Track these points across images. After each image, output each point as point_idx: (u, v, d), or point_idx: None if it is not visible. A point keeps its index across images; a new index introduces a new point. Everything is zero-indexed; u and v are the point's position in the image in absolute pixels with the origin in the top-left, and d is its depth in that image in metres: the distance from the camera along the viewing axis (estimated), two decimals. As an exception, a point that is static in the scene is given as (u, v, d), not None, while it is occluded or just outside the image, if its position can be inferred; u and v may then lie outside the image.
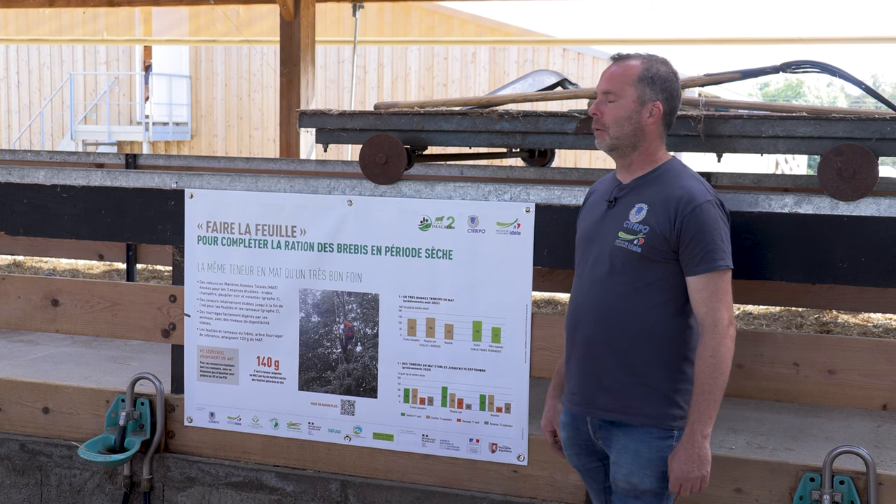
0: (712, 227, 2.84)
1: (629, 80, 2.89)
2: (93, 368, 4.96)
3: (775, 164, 21.30)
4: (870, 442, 3.97)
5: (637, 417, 2.92)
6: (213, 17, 17.11)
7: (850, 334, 7.03)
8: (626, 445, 2.95)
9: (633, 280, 2.90)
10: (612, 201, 2.99)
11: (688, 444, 2.85)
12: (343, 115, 4.07)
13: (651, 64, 2.91)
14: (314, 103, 10.04)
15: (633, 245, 2.89)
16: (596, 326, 2.96)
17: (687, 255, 2.85)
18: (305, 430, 4.11)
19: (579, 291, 3.05)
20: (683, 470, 2.84)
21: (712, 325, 2.83)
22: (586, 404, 3.02)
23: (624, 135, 2.92)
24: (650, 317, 2.90)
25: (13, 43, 20.98)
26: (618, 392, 2.94)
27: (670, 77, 2.93)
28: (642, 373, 2.91)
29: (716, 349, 2.82)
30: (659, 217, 2.87)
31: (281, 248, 4.05)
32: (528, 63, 19.18)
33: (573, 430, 3.10)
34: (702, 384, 2.83)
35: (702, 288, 2.84)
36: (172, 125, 21.35)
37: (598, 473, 3.13)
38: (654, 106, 2.90)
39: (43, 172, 4.42)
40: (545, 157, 5.91)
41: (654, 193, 2.91)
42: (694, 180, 2.92)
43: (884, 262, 3.40)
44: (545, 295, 7.90)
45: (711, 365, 2.82)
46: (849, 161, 3.40)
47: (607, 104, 2.92)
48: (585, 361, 3.01)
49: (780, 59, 3.78)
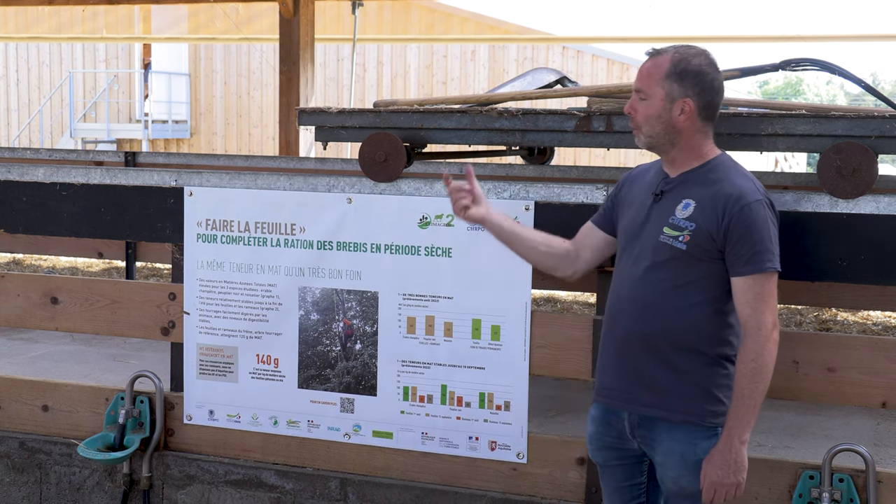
0: (761, 227, 2.76)
1: (657, 77, 2.81)
2: (92, 366, 4.96)
3: (775, 161, 21.31)
4: (869, 440, 3.97)
5: (678, 414, 2.85)
6: (212, 15, 17.12)
7: (850, 332, 7.03)
8: (672, 448, 2.87)
9: (676, 277, 2.83)
10: (658, 194, 2.90)
11: (724, 449, 2.77)
12: (342, 112, 4.07)
13: (682, 58, 2.81)
14: (313, 101, 10.04)
15: (678, 242, 2.82)
16: (636, 322, 2.89)
17: (734, 255, 2.77)
18: (305, 427, 4.11)
19: (621, 284, 2.96)
20: (718, 475, 2.77)
21: (756, 329, 2.75)
22: (625, 399, 2.94)
23: (656, 133, 2.84)
24: (691, 315, 2.82)
25: (12, 41, 20.98)
26: (658, 388, 2.87)
27: (704, 70, 2.81)
28: (682, 370, 2.85)
29: (758, 353, 2.74)
30: (706, 214, 2.79)
31: (280, 246, 4.05)
32: (528, 61, 19.18)
33: (603, 426, 3.02)
34: (741, 388, 2.76)
35: (747, 289, 2.77)
36: (172, 123, 21.35)
37: (616, 472, 3.06)
38: (684, 103, 2.80)
39: (42, 170, 4.42)
40: (544, 155, 5.91)
41: (703, 190, 2.83)
42: (744, 178, 2.84)
43: (883, 260, 3.40)
44: (544, 293, 7.90)
45: (753, 369, 2.74)
46: (848, 159, 3.40)
47: (640, 103, 2.85)
48: (624, 356, 2.94)
49: (780, 56, 3.78)
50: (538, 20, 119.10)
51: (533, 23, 69.21)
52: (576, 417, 4.20)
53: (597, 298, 3.77)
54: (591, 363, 3.74)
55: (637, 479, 3.05)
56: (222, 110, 21.38)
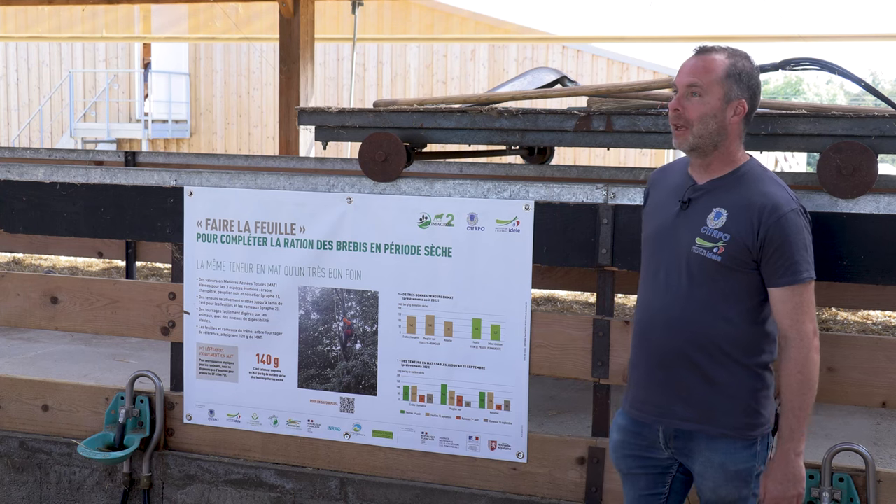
0: (797, 237, 2.71)
1: (717, 75, 2.74)
2: (92, 366, 4.97)
3: (775, 161, 21.31)
4: (869, 439, 3.97)
5: (717, 428, 2.81)
6: (212, 15, 17.12)
7: (850, 332, 7.03)
8: (711, 459, 2.84)
9: (711, 289, 2.77)
10: (685, 202, 2.84)
11: (782, 464, 2.74)
12: (342, 112, 4.07)
13: (737, 59, 2.77)
14: (313, 101, 10.04)
15: (712, 253, 2.76)
16: (671, 335, 2.83)
17: (770, 266, 2.73)
18: (305, 427, 4.11)
19: (652, 297, 2.90)
20: (779, 490, 2.74)
21: (798, 339, 2.71)
22: (659, 413, 2.89)
23: (708, 133, 2.77)
24: (727, 327, 2.78)
25: (12, 40, 20.97)
26: (695, 402, 2.82)
27: (754, 73, 2.80)
28: (720, 383, 2.79)
29: (804, 364, 2.71)
30: (741, 225, 2.73)
31: (280, 246, 4.05)
32: (528, 60, 19.17)
33: (633, 436, 2.97)
34: (791, 401, 2.72)
35: (786, 300, 2.72)
36: (172, 122, 21.34)
37: (639, 480, 3.01)
38: (738, 104, 2.76)
39: (42, 170, 4.42)
40: (544, 155, 5.91)
41: (735, 198, 2.77)
42: (777, 186, 2.79)
43: (883, 260, 3.40)
44: (544, 292, 7.89)
45: (799, 381, 2.71)
46: (848, 158, 3.40)
47: (690, 99, 2.77)
48: (658, 370, 2.88)
49: (780, 56, 3.78)
50: (538, 20, 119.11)
51: (533, 22, 69.16)
52: (576, 417, 4.20)
53: (597, 298, 3.77)
54: (590, 363, 3.75)
55: (659, 489, 3.00)
56: (222, 110, 21.38)
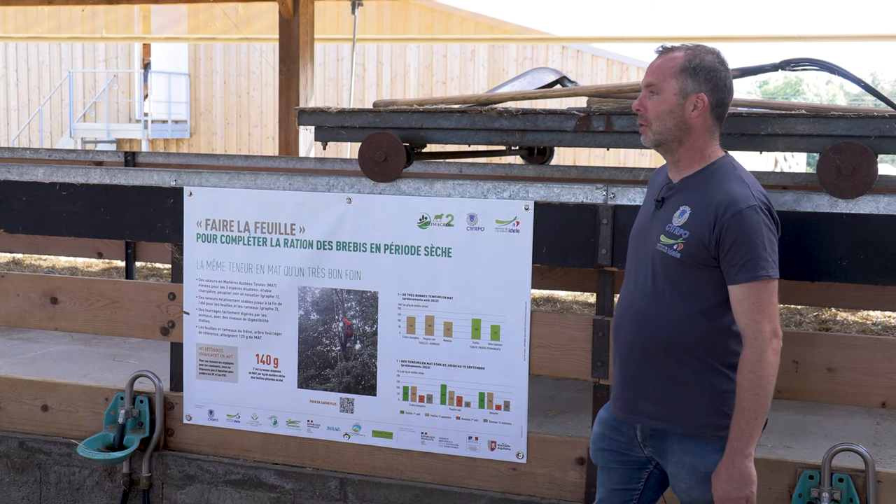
0: (753, 234, 2.70)
1: (671, 71, 2.77)
2: (92, 366, 4.96)
3: (774, 161, 21.31)
4: (869, 439, 3.97)
5: (682, 426, 2.83)
6: (212, 15, 17.13)
7: (849, 332, 7.03)
8: (683, 460, 2.85)
9: (673, 286, 2.79)
10: (659, 201, 2.88)
11: (728, 464, 2.73)
12: (342, 112, 4.07)
13: (695, 54, 2.78)
14: (313, 101, 10.04)
15: (672, 250, 2.78)
16: (637, 332, 2.87)
17: (727, 263, 2.72)
18: (304, 427, 4.11)
19: (625, 294, 2.94)
20: (725, 490, 2.73)
21: (752, 338, 2.70)
22: (629, 410, 2.92)
23: (667, 130, 2.80)
24: (691, 324, 2.78)
25: (12, 41, 20.97)
26: (661, 399, 2.84)
27: (717, 67, 2.79)
28: (685, 381, 2.81)
29: (756, 363, 2.68)
30: (700, 222, 2.75)
31: (280, 246, 4.05)
32: (527, 61, 19.17)
33: (613, 431, 3.00)
34: (741, 401, 2.70)
35: (742, 298, 2.71)
36: (171, 123, 21.34)
37: (614, 474, 3.03)
38: (697, 98, 2.77)
39: (42, 170, 4.42)
40: (544, 155, 5.91)
41: (699, 196, 2.79)
42: (741, 183, 2.78)
43: (883, 260, 3.40)
44: (544, 293, 7.89)
45: (751, 380, 2.69)
46: (848, 159, 3.40)
47: (651, 98, 2.81)
48: (628, 367, 2.92)
49: (780, 56, 3.79)
50: (538, 20, 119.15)
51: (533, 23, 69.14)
52: (575, 417, 4.20)
53: (596, 298, 3.77)
54: (590, 363, 3.75)
55: (633, 485, 3.02)
56: (222, 110, 21.37)
